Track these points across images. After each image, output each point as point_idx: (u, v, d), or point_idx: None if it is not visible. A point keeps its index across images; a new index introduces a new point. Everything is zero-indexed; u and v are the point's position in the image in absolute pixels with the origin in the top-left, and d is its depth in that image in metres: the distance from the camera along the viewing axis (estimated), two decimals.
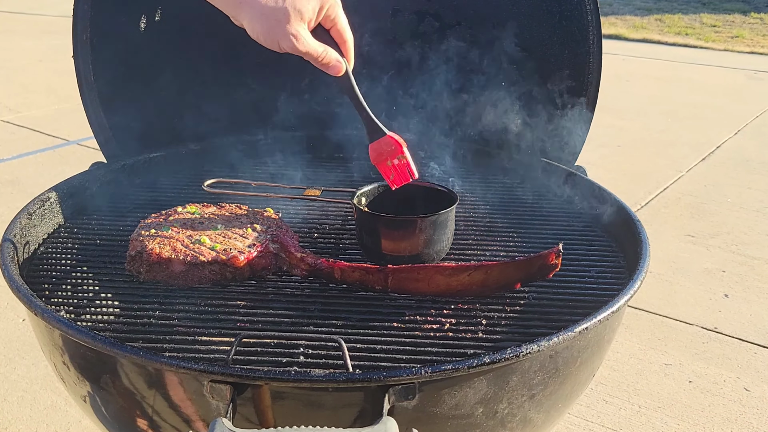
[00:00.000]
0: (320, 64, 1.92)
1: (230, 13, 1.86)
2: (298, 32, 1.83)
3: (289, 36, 1.82)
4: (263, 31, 1.82)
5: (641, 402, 3.74)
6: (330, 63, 1.93)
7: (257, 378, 1.58)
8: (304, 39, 1.84)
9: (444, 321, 1.90)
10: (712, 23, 15.12)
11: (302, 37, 1.84)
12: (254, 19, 1.82)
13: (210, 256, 2.00)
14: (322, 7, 1.85)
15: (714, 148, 7.60)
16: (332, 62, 1.93)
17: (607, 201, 2.46)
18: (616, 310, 1.84)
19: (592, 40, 2.67)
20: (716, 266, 5.17)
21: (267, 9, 1.80)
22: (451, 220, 2.16)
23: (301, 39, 1.84)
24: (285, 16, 1.80)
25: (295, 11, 1.81)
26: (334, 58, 1.93)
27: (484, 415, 1.74)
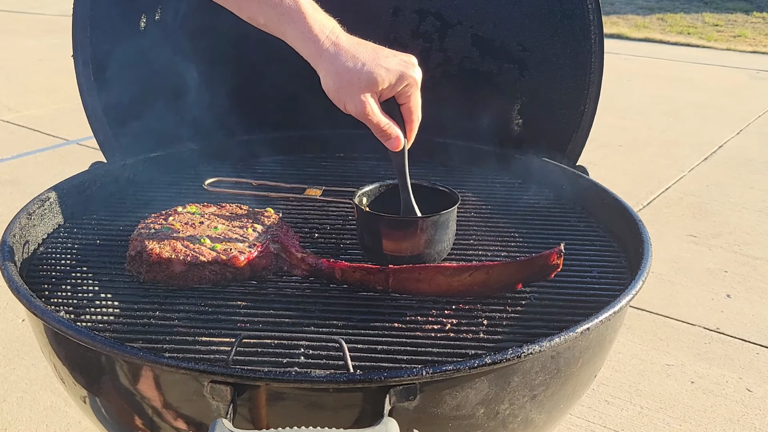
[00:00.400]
0: (380, 136, 1.93)
1: (310, 61, 1.87)
2: (367, 100, 1.83)
3: (357, 102, 1.83)
4: (334, 89, 1.84)
5: (643, 403, 3.74)
6: (390, 137, 1.93)
7: (258, 378, 1.58)
8: (370, 108, 1.85)
9: (445, 321, 1.90)
10: (715, 22, 15.12)
11: (369, 105, 1.84)
12: (329, 75, 1.83)
13: (210, 256, 2.00)
14: (400, 82, 1.86)
15: (716, 148, 7.60)
16: (393, 136, 1.93)
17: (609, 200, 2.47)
18: (618, 310, 1.84)
19: (594, 40, 2.67)
20: (718, 266, 5.17)
21: (344, 69, 1.82)
22: (453, 220, 2.16)
23: (368, 108, 1.84)
24: (359, 81, 1.82)
25: (370, 79, 1.82)
26: (395, 134, 1.93)
27: (485, 415, 1.74)
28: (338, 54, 1.83)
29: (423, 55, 2.97)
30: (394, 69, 1.85)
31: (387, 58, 1.86)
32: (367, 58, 1.83)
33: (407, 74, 1.86)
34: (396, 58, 1.87)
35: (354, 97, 1.83)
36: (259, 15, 1.86)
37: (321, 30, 1.84)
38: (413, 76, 1.88)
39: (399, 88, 1.87)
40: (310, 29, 1.83)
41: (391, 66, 1.84)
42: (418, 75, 1.89)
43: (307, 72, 3.03)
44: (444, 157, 2.98)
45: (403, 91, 1.88)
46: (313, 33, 1.83)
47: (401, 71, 1.85)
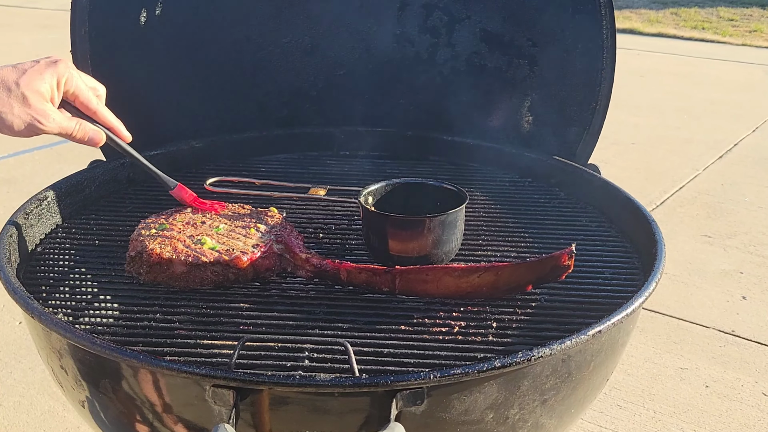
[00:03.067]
0: (77, 140, 1.92)
1: None
2: (44, 110, 1.81)
3: (36, 119, 1.80)
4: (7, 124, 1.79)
5: (656, 407, 3.73)
6: (86, 136, 1.93)
7: (261, 382, 1.58)
8: (52, 117, 1.83)
9: (453, 324, 1.90)
10: (730, 17, 15.10)
11: (49, 116, 1.82)
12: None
13: (212, 257, 2.00)
14: (59, 82, 1.84)
15: (731, 146, 7.60)
16: (88, 134, 1.93)
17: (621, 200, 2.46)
18: (630, 312, 1.84)
19: (606, 35, 2.67)
20: (734, 267, 5.16)
21: (3, 101, 1.77)
22: (461, 220, 2.16)
23: (49, 118, 1.82)
24: (24, 101, 1.78)
25: (33, 92, 1.79)
26: (89, 130, 1.93)
27: (494, 420, 1.74)
28: None
29: (430, 50, 2.98)
30: (46, 73, 1.82)
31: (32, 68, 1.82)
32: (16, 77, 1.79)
33: (60, 71, 1.84)
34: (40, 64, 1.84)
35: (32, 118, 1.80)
36: None
37: None
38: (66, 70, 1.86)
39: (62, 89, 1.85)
40: None
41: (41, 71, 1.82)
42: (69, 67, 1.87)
43: (310, 69, 3.05)
44: (452, 154, 2.98)
45: (66, 88, 1.87)
46: None
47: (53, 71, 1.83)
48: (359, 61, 3.06)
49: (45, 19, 13.70)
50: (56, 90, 1.84)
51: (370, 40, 3.02)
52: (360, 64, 3.07)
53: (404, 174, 2.77)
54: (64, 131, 1.87)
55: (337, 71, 3.09)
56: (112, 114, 2.01)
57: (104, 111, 1.98)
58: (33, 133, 1.83)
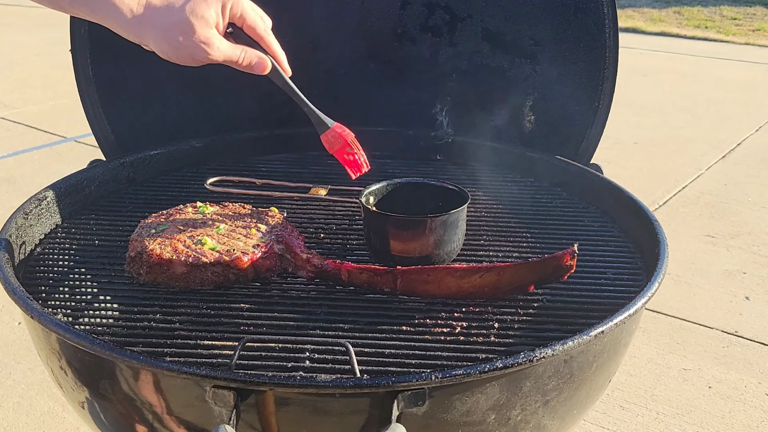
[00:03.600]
0: (243, 67, 1.89)
1: (135, 39, 1.82)
2: (209, 39, 1.79)
3: (201, 45, 1.78)
4: (172, 49, 1.78)
5: (659, 408, 3.73)
6: (252, 62, 1.89)
7: (261, 383, 1.58)
8: (216, 45, 1.80)
9: (455, 324, 1.90)
10: (733, 16, 15.11)
11: (214, 43, 1.80)
12: (158, 38, 1.78)
13: (212, 257, 2.00)
14: (224, 6, 1.81)
15: (735, 145, 7.59)
16: (254, 61, 1.89)
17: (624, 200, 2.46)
18: (633, 313, 1.84)
19: (608, 34, 2.67)
20: (737, 267, 5.16)
21: (168, 24, 1.76)
22: (463, 220, 2.16)
23: (214, 46, 1.80)
24: (190, 27, 1.76)
25: (199, 18, 1.77)
26: (255, 57, 1.89)
27: (496, 421, 1.74)
28: (156, 15, 1.77)
29: (432, 49, 2.98)
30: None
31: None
32: (182, 2, 1.77)
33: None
34: None
35: (196, 44, 1.78)
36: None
37: None
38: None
39: (228, 13, 1.83)
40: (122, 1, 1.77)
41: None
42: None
43: (312, 67, 3.05)
44: (454, 154, 2.98)
45: (233, 13, 1.83)
46: (126, 4, 1.77)
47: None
48: (360, 60, 3.06)
49: (45, 18, 13.69)
50: (221, 15, 1.81)
51: (372, 39, 3.02)
52: (361, 64, 3.07)
53: (406, 174, 2.77)
54: (229, 59, 1.84)
55: (339, 70, 3.09)
56: (277, 43, 1.95)
57: (271, 37, 1.92)
58: (198, 61, 1.81)
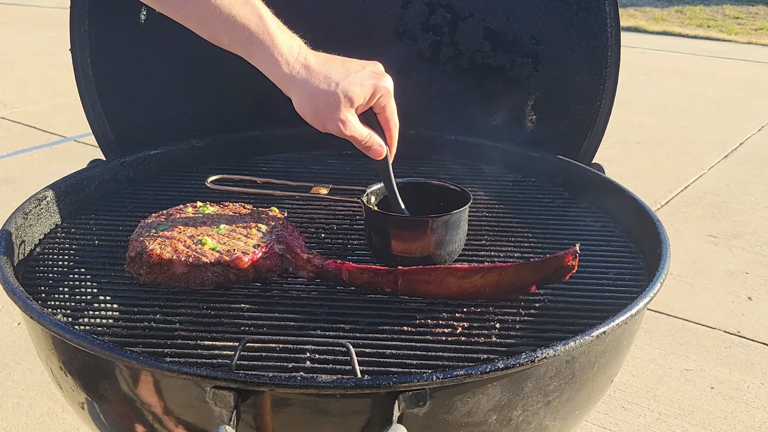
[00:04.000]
0: (362, 147, 1.98)
1: (280, 84, 1.90)
2: (347, 118, 1.88)
3: (337, 122, 1.88)
4: (311, 112, 1.88)
5: (661, 409, 3.73)
6: (372, 147, 1.99)
7: (262, 384, 1.58)
8: (351, 125, 1.90)
9: (456, 325, 1.90)
10: (735, 15, 15.11)
11: (350, 122, 1.89)
12: (303, 98, 1.88)
13: (213, 257, 2.00)
14: (374, 95, 1.91)
15: (737, 145, 7.59)
16: (374, 146, 1.99)
17: (626, 200, 2.46)
18: (635, 313, 1.84)
19: (610, 33, 2.67)
20: (739, 268, 5.16)
21: (318, 92, 1.86)
22: (464, 220, 2.15)
23: (349, 125, 1.89)
24: (336, 101, 1.86)
25: (346, 98, 1.86)
26: (376, 143, 1.99)
27: (497, 422, 1.74)
28: (310, 77, 1.87)
29: (433, 48, 2.98)
30: (367, 84, 1.90)
31: (358, 73, 1.91)
32: (340, 77, 1.87)
33: (380, 86, 1.92)
34: (366, 70, 1.92)
35: (333, 118, 1.88)
36: (223, 35, 1.89)
37: (290, 52, 1.87)
38: (386, 87, 1.93)
39: (374, 101, 1.93)
40: (280, 52, 1.85)
41: (363, 81, 1.90)
42: (390, 84, 1.95)
43: None
44: (455, 154, 2.98)
45: (378, 102, 1.94)
46: (283, 56, 1.86)
47: (374, 84, 1.91)
48: (362, 59, 3.06)
49: (44, 17, 13.72)
50: (367, 101, 1.91)
51: (373, 38, 3.02)
52: None
53: (407, 174, 2.77)
54: (357, 137, 1.94)
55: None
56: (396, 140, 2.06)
57: (395, 132, 2.03)
58: (327, 131, 1.91)
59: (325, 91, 1.85)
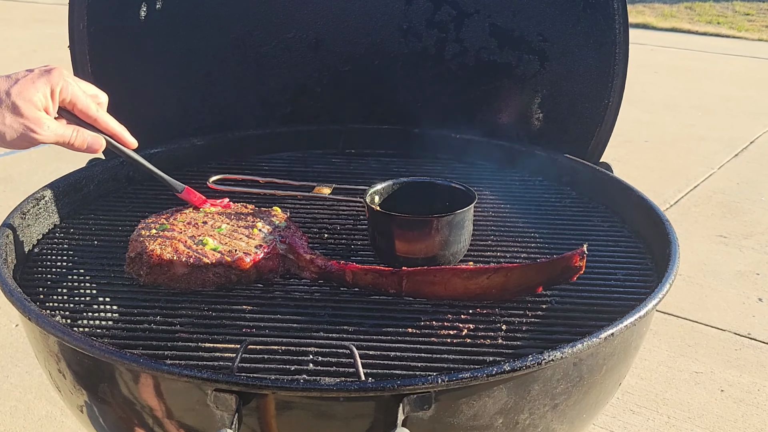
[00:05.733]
0: (77, 148, 1.90)
1: None
2: (38, 119, 1.79)
3: (31, 128, 1.78)
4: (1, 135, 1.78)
5: (670, 412, 3.73)
6: (85, 144, 1.90)
7: (264, 387, 1.58)
8: (46, 125, 1.81)
9: (461, 326, 1.90)
10: (746, 11, 15.09)
11: (44, 123, 1.80)
12: None
13: (214, 258, 2.00)
14: (53, 91, 1.82)
15: (747, 144, 7.58)
16: (87, 141, 1.91)
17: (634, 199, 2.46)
18: (643, 315, 1.84)
19: (618, 30, 2.67)
20: (750, 268, 5.16)
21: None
22: (469, 220, 2.15)
23: (44, 125, 1.80)
24: (16, 109, 1.77)
25: (26, 101, 1.77)
26: (89, 136, 1.91)
27: (504, 426, 1.74)
28: None
29: (438, 45, 2.98)
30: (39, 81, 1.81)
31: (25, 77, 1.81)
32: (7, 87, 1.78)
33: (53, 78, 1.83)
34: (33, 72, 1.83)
35: (25, 128, 1.78)
36: None
37: None
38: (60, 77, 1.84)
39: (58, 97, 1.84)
40: None
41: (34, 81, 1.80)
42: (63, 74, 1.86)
43: (315, 65, 3.05)
44: (460, 153, 2.98)
45: (62, 97, 1.85)
46: None
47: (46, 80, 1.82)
48: (365, 57, 3.06)
49: (42, 13, 13.72)
50: (50, 99, 1.83)
51: (377, 35, 3.02)
52: (366, 60, 3.07)
53: (411, 172, 2.77)
54: (61, 139, 1.86)
55: (343, 67, 3.09)
56: (115, 120, 1.99)
57: (105, 117, 1.96)
58: (28, 143, 1.81)
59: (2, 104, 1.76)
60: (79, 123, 1.91)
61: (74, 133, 1.88)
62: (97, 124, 1.94)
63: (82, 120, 1.91)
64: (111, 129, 1.98)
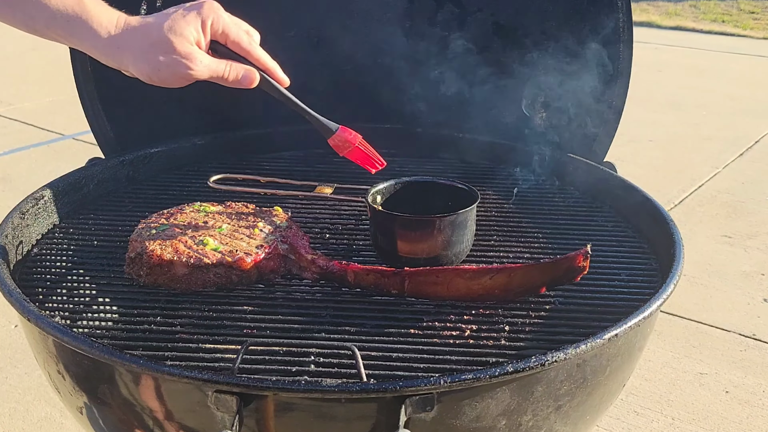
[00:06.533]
0: (230, 82, 1.87)
1: (114, 63, 1.81)
2: (190, 53, 1.78)
3: (182, 61, 1.77)
4: (152, 69, 1.78)
5: (675, 414, 3.73)
6: (239, 76, 1.87)
7: (265, 388, 1.58)
8: (199, 60, 1.79)
9: (464, 327, 1.90)
10: (751, 9, 15.08)
11: (197, 58, 1.79)
12: (138, 60, 1.78)
13: (215, 258, 2.00)
14: (204, 23, 1.80)
15: (752, 143, 7.58)
16: (240, 74, 1.88)
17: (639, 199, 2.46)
18: (647, 315, 1.84)
19: (622, 28, 2.67)
20: (755, 269, 5.15)
21: (147, 45, 1.76)
22: (472, 220, 2.15)
23: (196, 60, 1.78)
24: (169, 44, 1.76)
25: (178, 36, 1.76)
26: (242, 70, 1.87)
27: (507, 427, 1.74)
28: (134, 37, 1.78)
29: (441, 44, 2.97)
30: (190, 15, 1.80)
31: (177, 11, 1.80)
32: (160, 22, 1.78)
33: (204, 12, 1.81)
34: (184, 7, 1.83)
35: (177, 62, 1.77)
36: (38, 18, 1.79)
37: (110, 22, 1.78)
38: (212, 10, 1.83)
39: (209, 30, 1.82)
40: (100, 23, 1.77)
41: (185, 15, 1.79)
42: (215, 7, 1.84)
43: (317, 62, 3.05)
44: (463, 152, 2.98)
45: (214, 29, 1.83)
46: (103, 26, 1.77)
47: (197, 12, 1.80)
48: (367, 56, 3.06)
49: None
50: (202, 32, 1.80)
51: (379, 34, 3.02)
52: (368, 59, 3.07)
53: (413, 172, 2.77)
54: (215, 73, 1.83)
55: (344, 66, 3.09)
56: (267, 55, 1.95)
57: (258, 51, 1.92)
58: (183, 79, 1.80)
59: (153, 41, 1.75)
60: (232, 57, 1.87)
61: (227, 67, 1.85)
62: (249, 57, 1.90)
63: (235, 53, 1.88)
64: (264, 63, 1.93)
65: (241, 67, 1.87)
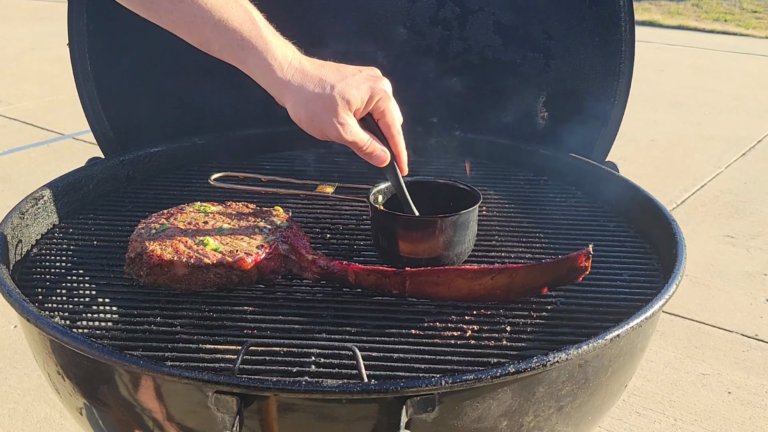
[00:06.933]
0: (364, 154, 1.95)
1: (272, 91, 1.88)
2: (346, 121, 1.86)
3: (336, 125, 1.85)
4: (307, 118, 1.86)
5: (677, 414, 3.73)
6: (374, 153, 1.96)
7: (265, 389, 1.58)
8: (350, 128, 1.87)
9: (466, 328, 1.90)
10: (753, 9, 15.09)
11: (349, 126, 1.87)
12: (298, 104, 1.85)
13: (215, 258, 1.99)
14: (372, 98, 1.89)
15: (755, 143, 7.58)
16: (376, 152, 1.96)
17: (640, 199, 2.46)
18: (650, 316, 1.84)
19: (624, 27, 2.67)
20: (757, 269, 5.15)
21: (313, 96, 1.84)
22: (474, 220, 2.15)
23: (348, 128, 1.87)
24: (332, 104, 1.84)
25: (343, 100, 1.84)
26: (378, 149, 1.96)
27: (508, 428, 1.74)
28: (305, 81, 1.85)
29: (442, 43, 2.97)
30: (364, 87, 1.88)
31: (354, 76, 1.89)
32: (335, 80, 1.86)
33: (377, 88, 1.90)
34: (362, 74, 1.91)
35: (331, 122, 1.86)
36: (214, 41, 1.87)
37: (284, 57, 1.86)
38: (383, 89, 1.92)
39: (372, 105, 1.91)
40: (274, 56, 1.84)
41: (360, 84, 1.88)
42: (387, 87, 1.94)
43: None
44: (465, 152, 2.98)
45: (377, 105, 1.92)
46: (277, 60, 1.85)
47: (371, 86, 1.89)
48: (367, 55, 3.06)
49: (42, 11, 13.74)
50: (365, 104, 1.89)
51: (379, 33, 3.02)
52: (368, 58, 3.07)
53: (415, 172, 2.77)
54: (358, 143, 1.91)
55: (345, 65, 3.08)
56: (403, 143, 2.03)
57: (399, 137, 2.00)
58: (325, 137, 1.89)
59: (320, 94, 1.84)
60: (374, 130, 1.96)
61: (369, 142, 1.94)
62: (390, 140, 1.99)
63: (378, 130, 1.97)
64: (399, 150, 2.03)
65: (379, 147, 1.97)
